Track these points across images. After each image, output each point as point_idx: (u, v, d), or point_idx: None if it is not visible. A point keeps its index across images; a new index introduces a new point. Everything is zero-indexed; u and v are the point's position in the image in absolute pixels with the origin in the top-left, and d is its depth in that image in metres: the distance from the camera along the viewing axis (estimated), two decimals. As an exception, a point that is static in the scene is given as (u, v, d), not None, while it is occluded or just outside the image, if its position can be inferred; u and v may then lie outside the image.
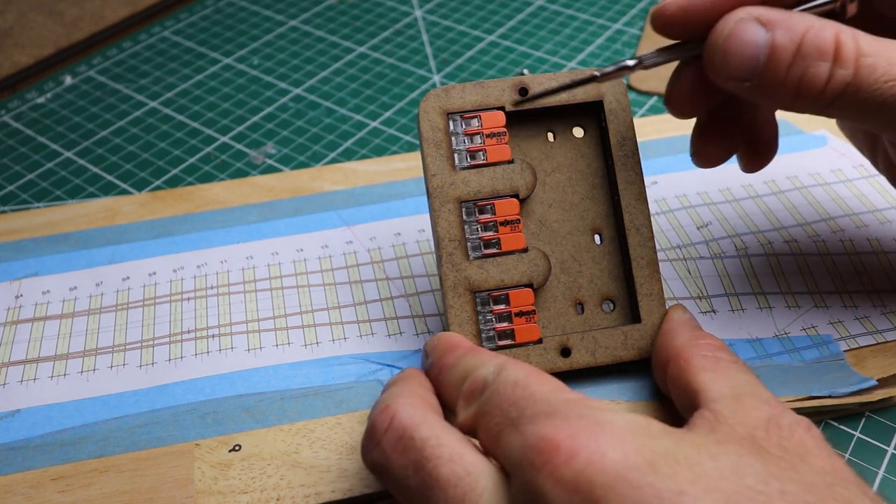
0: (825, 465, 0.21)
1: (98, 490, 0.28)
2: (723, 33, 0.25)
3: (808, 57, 0.24)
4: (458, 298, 0.29)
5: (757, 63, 0.25)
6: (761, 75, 0.25)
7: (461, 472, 0.22)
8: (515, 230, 0.30)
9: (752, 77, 0.25)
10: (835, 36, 0.24)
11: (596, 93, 0.31)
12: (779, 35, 0.24)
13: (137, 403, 0.31)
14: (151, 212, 0.39)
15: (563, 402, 0.22)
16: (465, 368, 0.26)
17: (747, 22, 0.25)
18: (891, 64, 0.24)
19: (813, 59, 0.24)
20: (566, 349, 0.30)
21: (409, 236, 0.37)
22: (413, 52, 0.53)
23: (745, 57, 0.25)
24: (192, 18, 0.58)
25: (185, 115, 0.49)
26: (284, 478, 0.28)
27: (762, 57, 0.25)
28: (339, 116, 0.48)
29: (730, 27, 0.25)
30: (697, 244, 0.36)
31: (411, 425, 0.23)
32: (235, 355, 0.32)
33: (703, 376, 0.25)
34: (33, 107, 0.50)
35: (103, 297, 0.35)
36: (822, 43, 0.24)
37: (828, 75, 0.24)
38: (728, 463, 0.20)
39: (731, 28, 0.25)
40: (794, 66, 0.24)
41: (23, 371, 0.32)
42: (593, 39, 0.54)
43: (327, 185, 0.40)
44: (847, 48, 0.24)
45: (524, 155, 0.31)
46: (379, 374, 0.31)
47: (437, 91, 0.30)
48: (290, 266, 0.36)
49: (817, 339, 0.31)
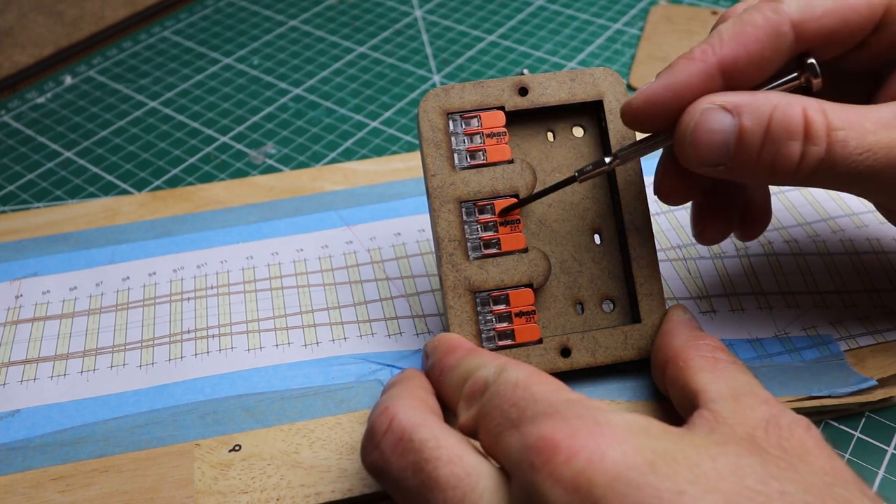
0: (825, 465, 0.21)
1: (98, 490, 0.28)
2: (689, 124, 0.25)
3: (778, 138, 0.24)
4: (458, 299, 0.29)
5: (727, 149, 0.25)
6: (733, 160, 0.25)
7: (461, 474, 0.22)
8: (515, 230, 0.30)
9: (725, 162, 0.25)
10: (803, 113, 0.24)
11: (596, 92, 0.31)
12: (745, 120, 0.24)
13: (137, 403, 0.31)
14: (151, 212, 0.39)
15: (564, 403, 0.22)
16: (465, 370, 0.26)
17: (713, 111, 0.25)
18: (863, 135, 0.24)
19: (783, 140, 0.24)
20: (566, 349, 0.30)
21: (409, 236, 0.37)
22: (413, 52, 0.53)
23: (715, 144, 0.25)
24: (192, 18, 0.58)
25: (185, 115, 0.49)
26: (284, 478, 0.28)
27: (731, 143, 0.25)
28: (339, 116, 0.48)
29: (695, 118, 0.25)
30: (697, 244, 0.36)
31: (410, 427, 0.23)
32: (235, 355, 0.32)
33: (701, 377, 0.25)
34: (33, 107, 0.50)
35: (103, 297, 0.35)
36: (791, 122, 0.24)
37: (800, 153, 0.24)
38: (727, 463, 0.20)
39: (697, 119, 0.25)
40: (764, 149, 0.24)
41: (23, 371, 0.32)
42: (593, 39, 0.54)
43: (327, 185, 0.40)
44: (817, 124, 0.24)
45: (524, 154, 0.31)
46: (379, 374, 0.31)
47: (437, 91, 0.30)
48: (290, 266, 0.36)
49: (817, 339, 0.31)
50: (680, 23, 0.54)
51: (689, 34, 0.53)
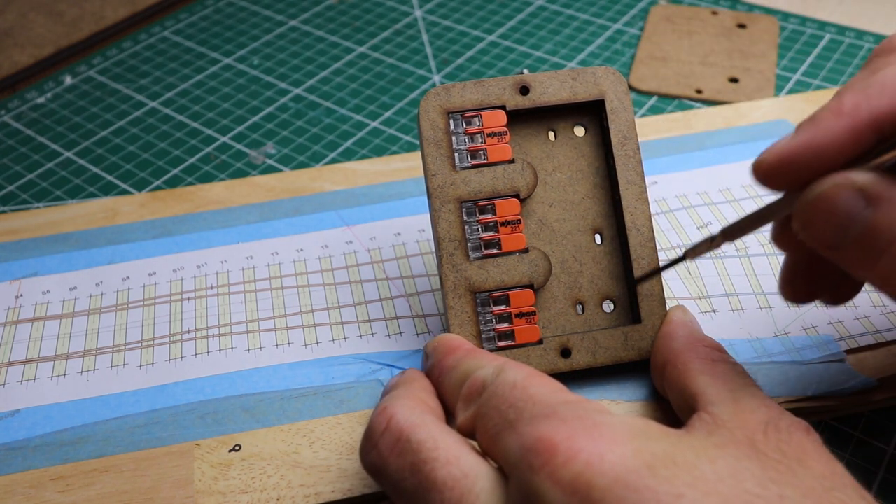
0: (823, 469, 0.21)
1: (98, 490, 0.28)
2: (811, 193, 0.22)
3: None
4: (458, 299, 0.29)
5: (844, 236, 0.21)
6: (847, 250, 0.22)
7: (458, 475, 0.22)
8: (516, 230, 0.30)
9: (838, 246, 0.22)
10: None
11: (598, 91, 0.31)
12: (881, 216, 0.20)
13: (137, 403, 0.31)
14: (151, 212, 0.39)
15: (562, 404, 0.22)
16: (464, 370, 0.26)
17: (844, 189, 0.21)
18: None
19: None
20: (566, 350, 0.30)
21: (409, 236, 0.37)
22: (413, 52, 0.53)
23: (831, 225, 0.21)
24: (192, 18, 0.58)
25: (185, 115, 0.48)
26: (284, 478, 0.28)
27: (853, 233, 0.21)
28: (339, 116, 0.48)
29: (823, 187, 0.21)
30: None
31: (408, 427, 0.23)
32: (235, 355, 0.32)
33: (701, 379, 0.25)
34: (33, 107, 0.50)
35: (103, 297, 0.35)
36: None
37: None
38: (726, 466, 0.20)
39: (824, 189, 0.21)
40: (884, 259, 0.21)
41: (23, 371, 0.32)
42: (593, 39, 0.54)
43: (327, 185, 0.40)
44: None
45: (525, 154, 0.31)
46: (379, 374, 0.31)
47: (438, 90, 0.30)
48: (290, 266, 0.36)
49: (817, 339, 0.31)
50: (680, 23, 0.54)
51: (689, 34, 0.53)
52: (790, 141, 0.22)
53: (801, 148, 0.22)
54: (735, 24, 0.54)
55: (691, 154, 0.41)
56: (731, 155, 0.40)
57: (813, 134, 0.22)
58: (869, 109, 0.21)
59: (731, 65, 0.50)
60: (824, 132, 0.21)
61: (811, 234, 0.22)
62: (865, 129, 0.21)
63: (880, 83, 0.21)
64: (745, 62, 0.50)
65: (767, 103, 0.44)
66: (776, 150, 0.22)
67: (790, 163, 0.22)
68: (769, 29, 0.53)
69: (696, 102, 0.48)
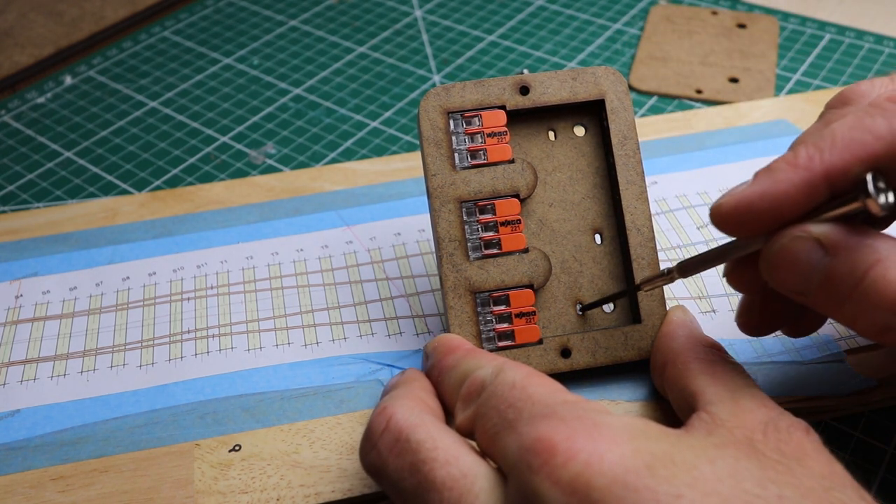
0: (823, 469, 0.21)
1: (98, 490, 0.28)
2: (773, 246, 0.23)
3: (867, 300, 0.21)
4: (458, 299, 0.29)
5: (808, 283, 0.22)
6: (814, 296, 0.23)
7: (457, 475, 0.22)
8: (516, 230, 0.30)
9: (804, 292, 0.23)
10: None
11: (598, 91, 0.31)
12: (839, 265, 0.22)
13: (137, 403, 0.31)
14: (151, 212, 0.39)
15: (561, 404, 0.22)
16: (464, 370, 0.26)
17: (804, 240, 0.22)
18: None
19: (872, 305, 0.21)
20: (566, 350, 0.30)
21: (409, 236, 0.37)
22: (413, 52, 0.53)
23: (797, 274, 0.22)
24: (192, 18, 0.58)
25: (185, 115, 0.49)
26: (284, 478, 0.28)
27: (815, 280, 0.22)
28: (339, 116, 0.48)
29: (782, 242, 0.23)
30: (697, 244, 0.36)
31: (407, 427, 0.23)
32: (235, 355, 0.32)
33: (700, 379, 0.25)
34: (33, 107, 0.50)
35: (103, 297, 0.35)
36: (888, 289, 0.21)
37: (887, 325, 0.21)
38: (725, 466, 0.20)
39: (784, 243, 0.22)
40: (849, 304, 0.22)
41: (23, 371, 0.32)
42: (593, 39, 0.54)
43: (327, 185, 0.40)
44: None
45: (525, 153, 0.31)
46: (379, 374, 0.31)
47: (438, 90, 0.30)
48: (290, 266, 0.36)
49: (817, 339, 0.31)
50: (680, 23, 0.54)
51: (689, 34, 0.53)
52: (748, 189, 0.23)
53: (757, 197, 0.23)
54: (735, 24, 0.54)
55: (691, 154, 0.41)
56: (731, 155, 0.40)
57: (769, 184, 0.22)
58: (822, 163, 0.22)
59: (731, 65, 0.50)
60: (780, 183, 0.22)
61: (778, 283, 0.23)
62: (819, 182, 0.22)
63: (831, 137, 0.22)
64: (745, 62, 0.50)
65: (767, 103, 0.44)
66: (734, 196, 0.23)
67: (747, 211, 0.23)
68: (769, 29, 0.53)
69: (696, 102, 0.48)
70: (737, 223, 0.23)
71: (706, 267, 0.26)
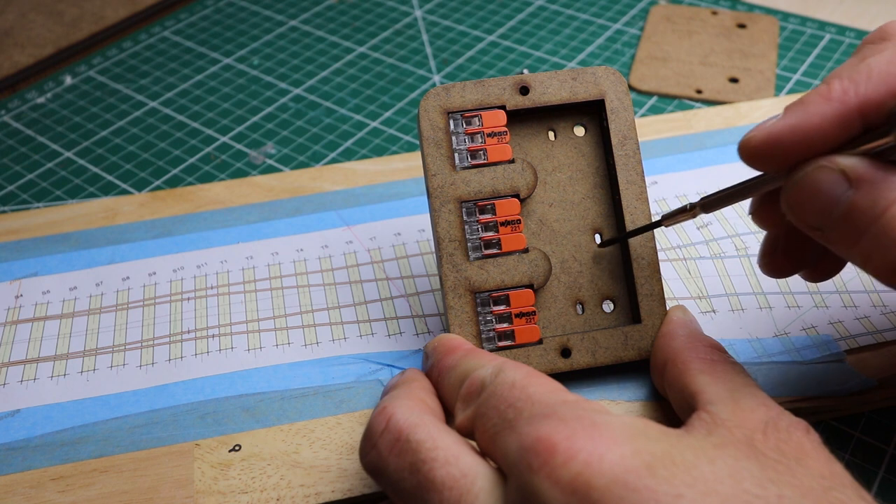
0: (823, 468, 0.21)
1: (98, 490, 0.28)
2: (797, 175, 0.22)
3: (886, 236, 0.21)
4: (458, 299, 0.29)
5: (828, 217, 0.22)
6: (831, 231, 0.22)
7: (457, 475, 0.22)
8: (516, 230, 0.30)
9: (822, 228, 0.22)
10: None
11: (598, 91, 0.31)
12: (861, 198, 0.21)
13: (137, 403, 0.31)
14: (151, 212, 0.39)
15: (561, 404, 0.22)
16: (463, 370, 0.26)
17: (828, 171, 0.22)
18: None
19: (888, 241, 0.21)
20: (566, 350, 0.30)
21: (409, 236, 0.37)
22: (413, 52, 0.53)
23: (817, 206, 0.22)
24: (192, 18, 0.58)
25: (185, 115, 0.49)
26: (284, 478, 0.28)
27: (836, 214, 0.22)
28: (339, 116, 0.48)
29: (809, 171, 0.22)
30: (697, 244, 0.36)
31: (407, 427, 0.23)
32: (235, 355, 0.32)
33: (700, 379, 0.25)
34: (33, 107, 0.50)
35: (103, 297, 0.35)
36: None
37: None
38: (725, 466, 0.20)
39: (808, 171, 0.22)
40: (866, 239, 0.21)
41: (23, 371, 0.32)
42: (593, 39, 0.54)
43: (327, 185, 0.40)
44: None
45: (525, 153, 0.31)
46: (379, 374, 0.31)
47: (438, 90, 0.30)
48: (290, 266, 0.36)
49: (817, 339, 0.31)
50: (680, 23, 0.54)
51: (689, 34, 0.53)
52: (778, 123, 0.22)
53: (788, 130, 0.22)
54: (735, 24, 0.54)
55: (691, 154, 0.41)
56: (731, 155, 0.40)
57: (801, 117, 0.22)
58: (856, 96, 0.21)
59: (731, 65, 0.50)
60: (812, 116, 0.22)
61: (798, 216, 0.23)
62: (852, 116, 0.21)
63: (867, 71, 0.22)
64: (745, 62, 0.50)
65: (767, 103, 0.44)
66: (764, 130, 0.23)
67: (776, 144, 0.22)
68: (769, 29, 0.53)
69: (696, 102, 0.48)
70: (765, 157, 0.23)
71: (730, 202, 0.26)
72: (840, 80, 0.22)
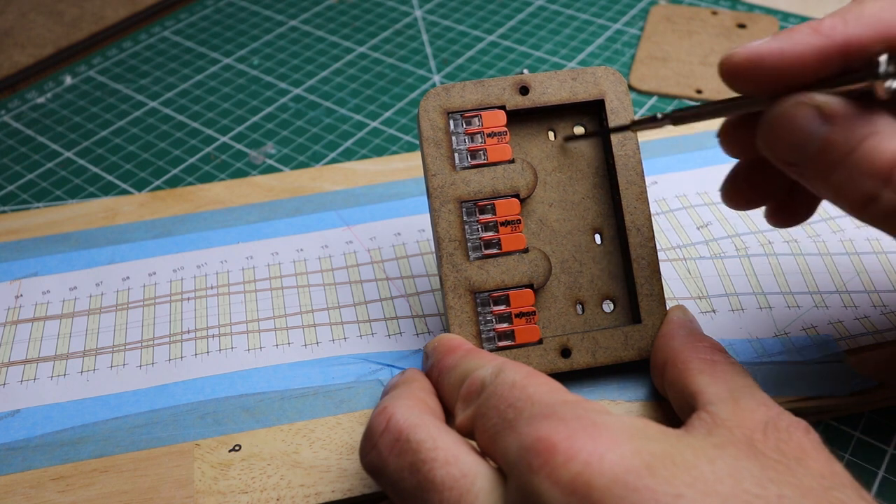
0: (823, 468, 0.21)
1: (98, 490, 0.28)
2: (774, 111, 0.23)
3: (856, 168, 0.21)
4: (458, 299, 0.29)
5: (804, 152, 0.22)
6: (806, 167, 0.23)
7: (457, 475, 0.22)
8: (516, 230, 0.30)
9: (798, 164, 0.23)
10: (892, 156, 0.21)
11: (598, 91, 0.31)
12: (836, 134, 0.22)
13: (137, 403, 0.31)
14: (151, 212, 0.39)
15: (561, 404, 0.22)
16: (463, 370, 0.26)
17: (805, 107, 0.22)
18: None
19: (860, 173, 0.21)
20: (566, 350, 0.30)
21: (409, 236, 0.37)
22: (413, 52, 0.53)
23: (793, 142, 0.22)
24: (192, 18, 0.58)
25: (185, 115, 0.49)
26: (284, 478, 0.28)
27: (811, 150, 0.22)
28: (339, 116, 0.48)
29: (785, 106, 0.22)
30: (697, 244, 0.36)
31: (407, 427, 0.23)
32: (235, 355, 0.32)
33: (700, 379, 0.25)
34: (33, 107, 0.50)
35: (103, 297, 0.35)
36: (877, 158, 0.21)
37: (872, 194, 0.21)
38: (725, 466, 0.20)
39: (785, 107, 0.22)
40: (837, 172, 0.22)
41: (23, 371, 0.32)
42: (593, 39, 0.54)
43: (327, 185, 0.40)
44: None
45: (525, 154, 0.31)
46: (379, 374, 0.31)
47: (438, 90, 0.30)
48: (290, 266, 0.36)
49: (817, 339, 0.31)
50: (680, 23, 0.54)
51: (689, 34, 0.53)
52: (763, 44, 0.23)
53: (770, 53, 0.22)
54: (735, 24, 0.54)
55: (691, 154, 0.41)
56: (731, 155, 0.40)
57: (786, 43, 0.22)
58: (843, 34, 0.22)
59: (731, 65, 0.50)
60: (797, 45, 0.22)
61: (773, 151, 0.23)
62: (835, 53, 0.22)
63: (859, 11, 0.22)
64: (745, 62, 0.50)
65: (767, 103, 0.44)
66: (748, 49, 0.23)
67: (758, 65, 0.23)
68: (769, 29, 0.53)
69: (696, 102, 0.48)
70: (745, 77, 0.23)
71: (701, 119, 0.26)
72: (832, 17, 0.23)
